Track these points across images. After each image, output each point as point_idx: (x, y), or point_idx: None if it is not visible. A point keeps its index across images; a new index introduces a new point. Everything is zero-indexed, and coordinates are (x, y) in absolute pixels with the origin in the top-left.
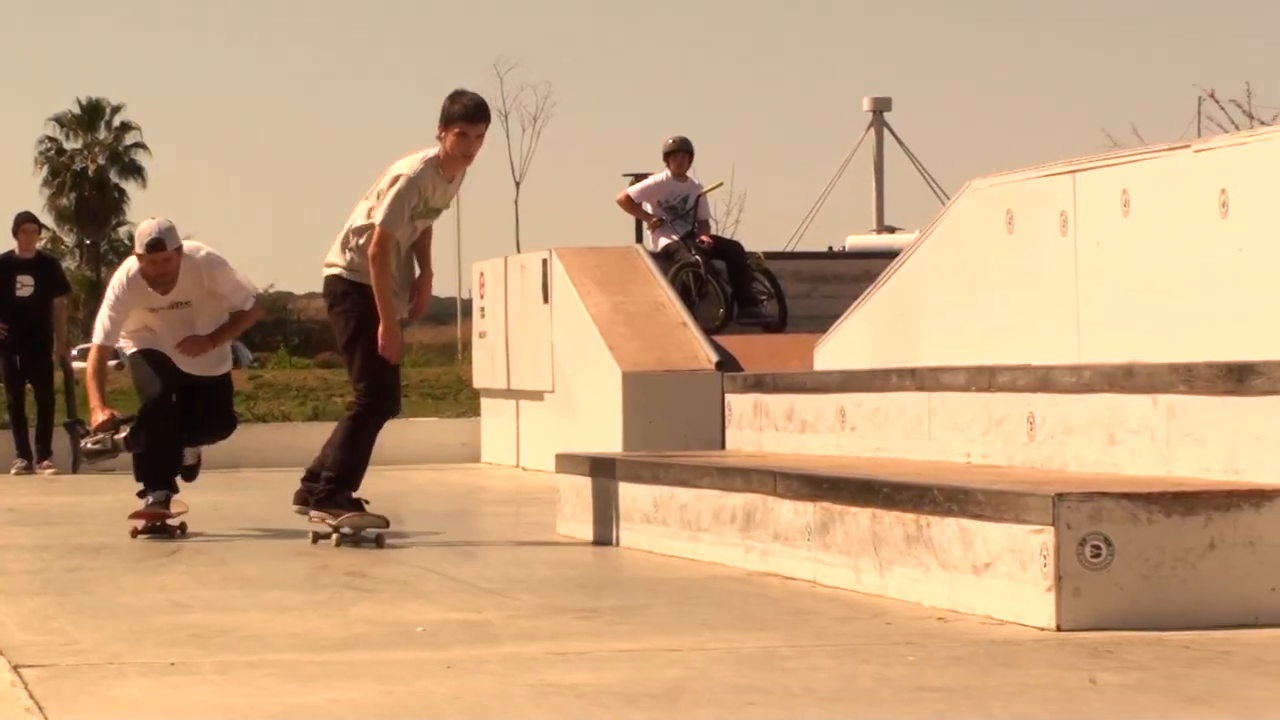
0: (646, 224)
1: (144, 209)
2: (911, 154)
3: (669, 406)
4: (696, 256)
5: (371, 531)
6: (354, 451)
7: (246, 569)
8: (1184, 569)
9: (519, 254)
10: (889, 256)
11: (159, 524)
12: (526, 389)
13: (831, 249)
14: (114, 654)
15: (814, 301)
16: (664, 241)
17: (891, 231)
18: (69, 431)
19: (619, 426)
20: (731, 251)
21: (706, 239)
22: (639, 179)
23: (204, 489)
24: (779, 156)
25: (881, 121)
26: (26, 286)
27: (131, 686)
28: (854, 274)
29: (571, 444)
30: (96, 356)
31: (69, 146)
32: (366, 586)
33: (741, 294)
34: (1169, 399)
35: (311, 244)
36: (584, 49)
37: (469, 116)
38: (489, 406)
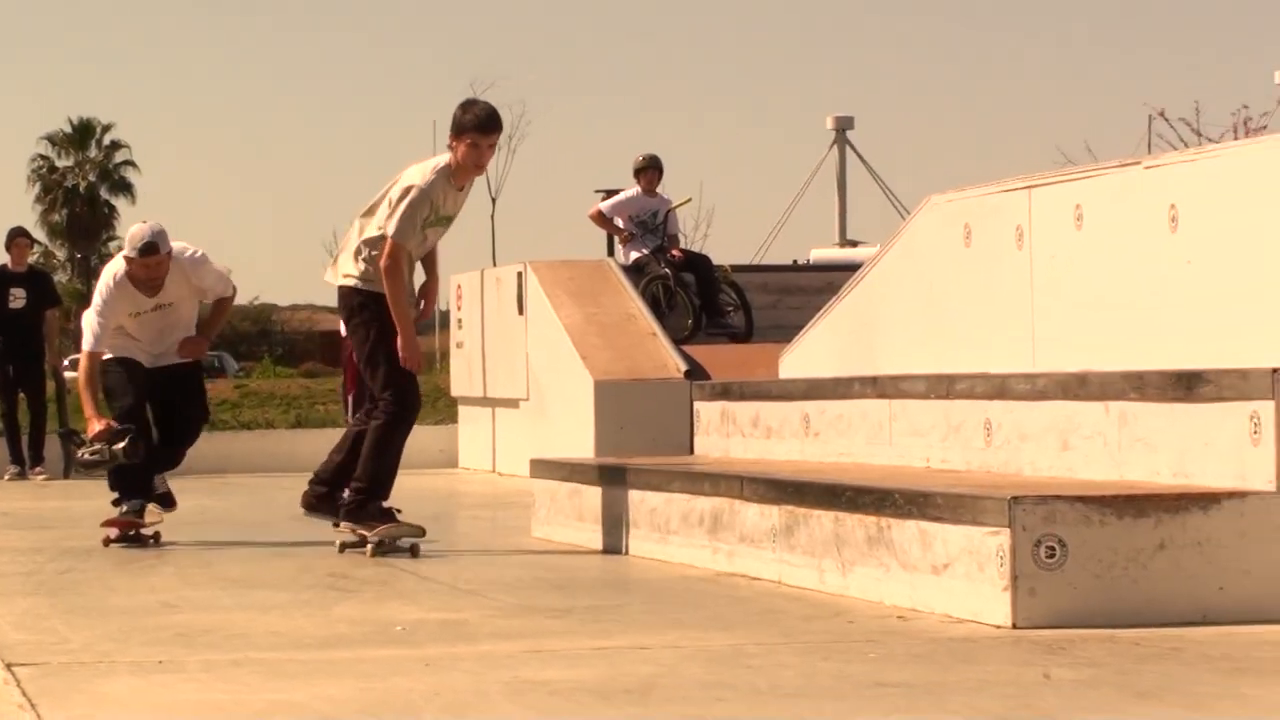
0: (618, 238)
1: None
2: (873, 170)
3: (639, 414)
4: (666, 269)
5: (406, 541)
6: (384, 461)
7: (232, 570)
8: (1135, 569)
9: (495, 267)
10: (851, 269)
11: (133, 533)
12: (502, 397)
13: (796, 262)
14: (104, 653)
15: (779, 312)
16: (634, 255)
17: (854, 245)
18: (64, 440)
19: (591, 433)
20: (700, 264)
21: (676, 252)
22: (610, 195)
23: (191, 493)
24: (745, 173)
25: (844, 139)
26: (19, 299)
27: (120, 684)
28: (817, 286)
29: (545, 450)
30: (89, 364)
31: (61, 164)
32: (348, 587)
33: (709, 305)
34: (1121, 406)
35: (295, 258)
36: (558, 70)
37: (481, 126)
38: (466, 414)
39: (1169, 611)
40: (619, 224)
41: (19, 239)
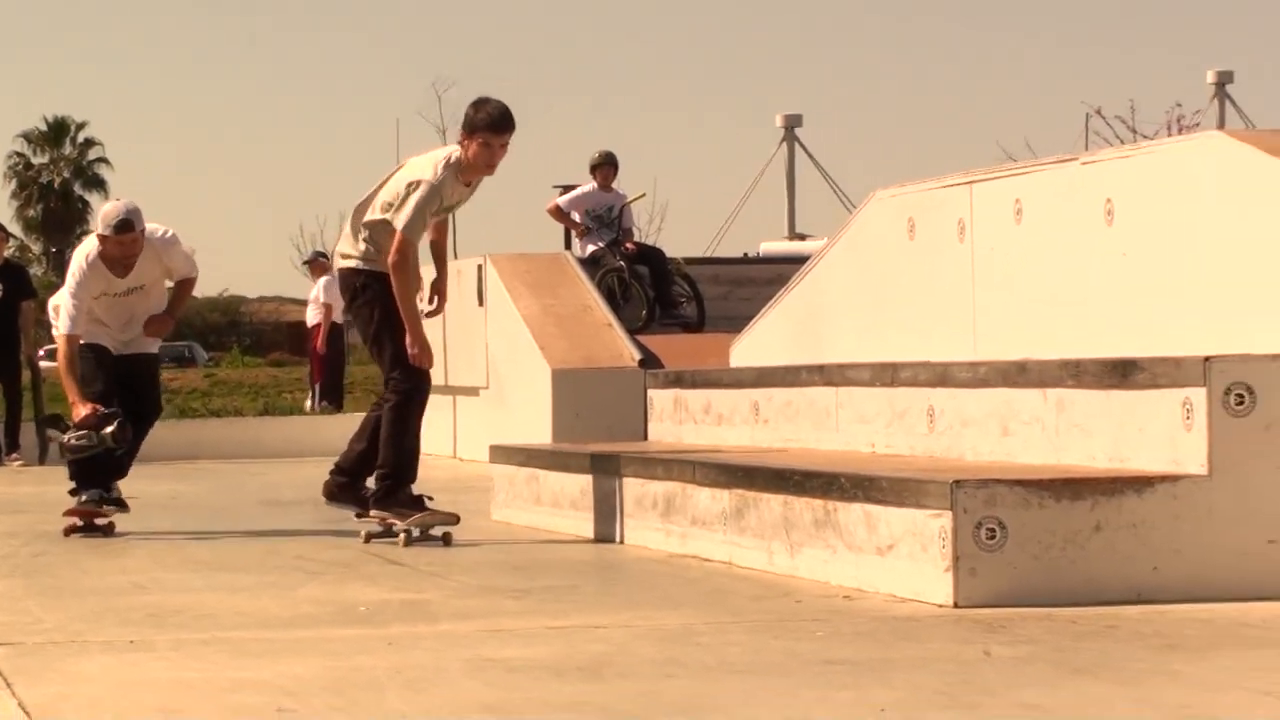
0: (574, 232)
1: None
2: (821, 166)
3: (595, 401)
4: (621, 262)
5: (439, 529)
6: (403, 442)
7: (201, 553)
8: (1072, 550)
9: (456, 260)
10: (800, 261)
11: (91, 522)
12: (463, 385)
13: (747, 255)
14: (76, 632)
15: (730, 303)
16: (591, 248)
17: (802, 238)
18: (44, 427)
19: (549, 420)
20: (653, 257)
21: (630, 246)
22: (567, 190)
23: (163, 479)
24: (698, 169)
25: (793, 136)
26: None
27: (93, 663)
28: (767, 278)
29: (505, 436)
30: (69, 348)
31: (36, 161)
32: (313, 569)
33: (663, 297)
34: (1059, 393)
35: (262, 251)
36: (517, 70)
37: (494, 125)
38: (429, 401)
39: (1105, 591)
40: (576, 218)
41: None
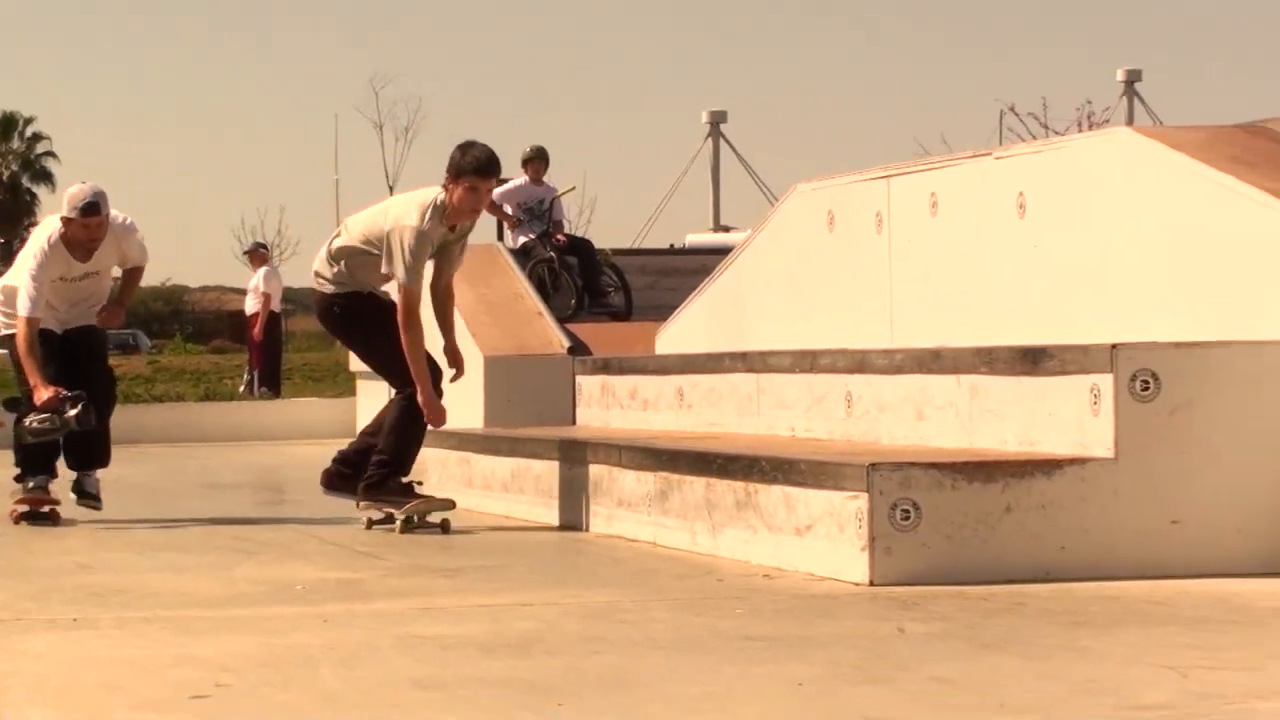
0: (506, 224)
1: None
2: (744, 160)
3: (526, 387)
4: (551, 253)
5: (437, 515)
6: (410, 434)
7: (143, 534)
8: (984, 530)
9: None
10: (724, 253)
11: (39, 510)
12: None
13: (673, 246)
14: (22, 611)
15: (656, 293)
16: (522, 240)
17: (726, 230)
18: (8, 409)
19: (481, 405)
20: (582, 248)
21: (560, 237)
22: (500, 184)
23: None
24: (626, 163)
25: (718, 132)
26: None
27: (38, 640)
28: (692, 268)
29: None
30: (28, 330)
31: None
32: (251, 549)
33: (591, 286)
34: (972, 379)
35: (204, 243)
36: (451, 67)
37: (481, 170)
38: (364, 387)
39: (1014, 569)
40: (508, 210)
41: None
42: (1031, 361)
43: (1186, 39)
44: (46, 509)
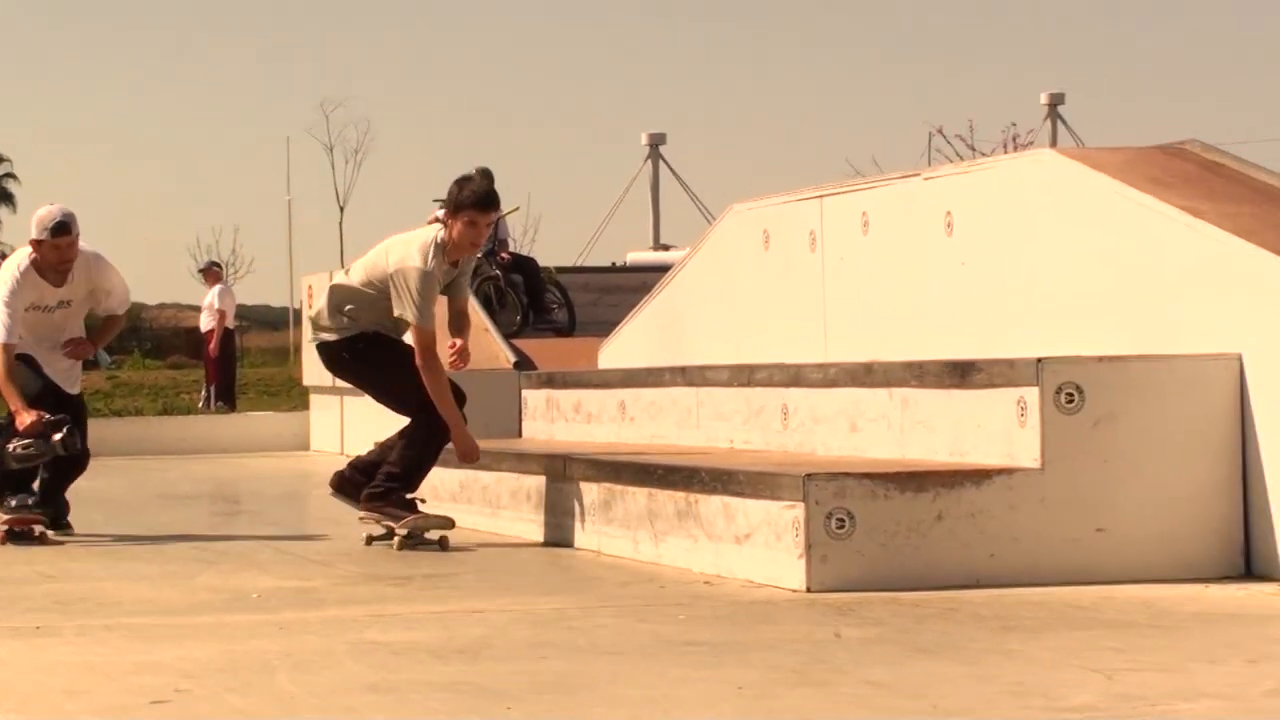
0: None
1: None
2: (683, 181)
3: (473, 400)
4: (497, 271)
5: (435, 533)
6: (425, 452)
7: (104, 544)
8: (916, 538)
9: (343, 269)
10: (663, 270)
11: (28, 529)
12: (350, 386)
13: (614, 264)
14: None
15: (599, 309)
16: None
17: (666, 249)
18: None
19: None
20: (527, 266)
21: (505, 255)
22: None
23: None
24: (569, 184)
25: (657, 153)
26: None
27: (2, 648)
28: (633, 285)
29: (389, 433)
30: (5, 356)
31: None
32: (209, 559)
33: (536, 303)
34: (903, 392)
35: (162, 262)
36: (399, 91)
37: (480, 204)
38: (317, 401)
39: (946, 576)
40: None
41: None
42: (960, 375)
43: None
44: (37, 531)
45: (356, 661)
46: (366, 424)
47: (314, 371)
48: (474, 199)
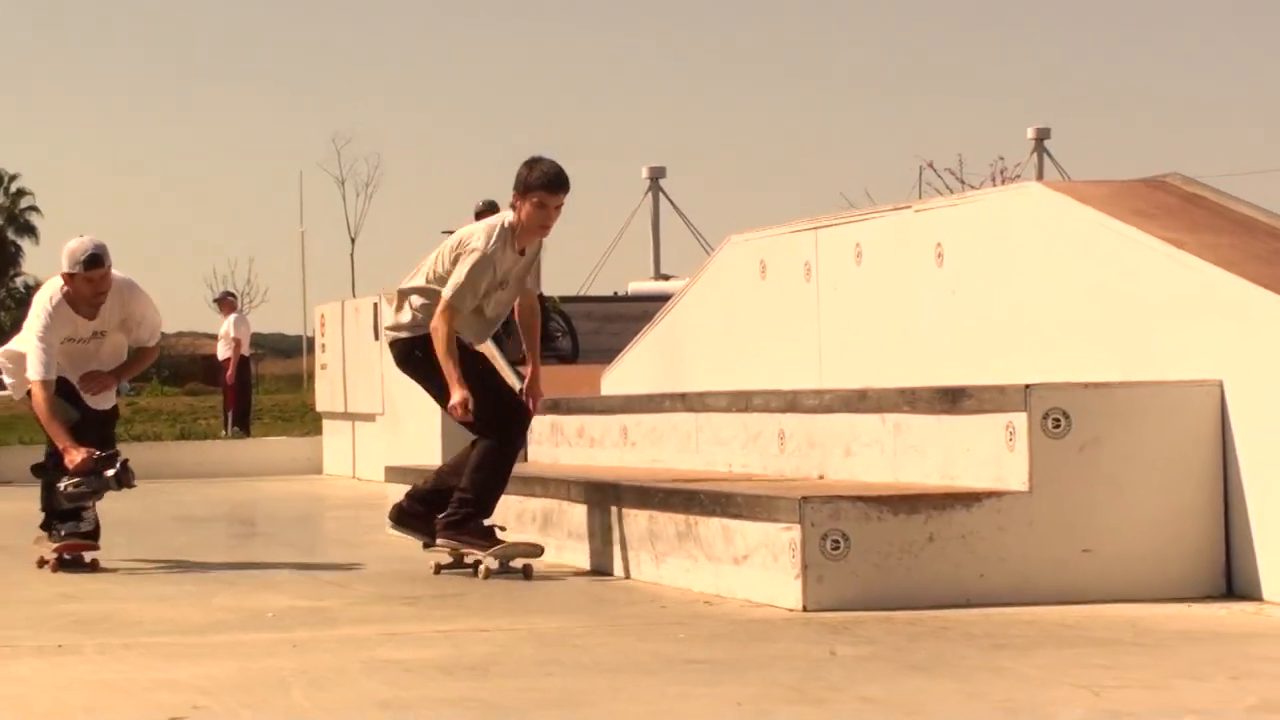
0: None
1: (38, 261)
2: (682, 214)
3: None
4: None
5: (520, 561)
6: (495, 474)
7: (124, 566)
8: (908, 559)
9: (354, 298)
10: (664, 299)
11: (79, 556)
12: (361, 411)
13: (616, 293)
14: (10, 638)
15: (601, 337)
16: None
17: (666, 278)
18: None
19: (439, 443)
20: None
21: None
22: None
23: None
24: (572, 215)
25: (658, 187)
26: None
27: (24, 665)
28: (635, 314)
29: (399, 458)
30: (46, 395)
31: None
32: (226, 579)
33: (541, 332)
34: (896, 417)
35: (179, 291)
36: (408, 126)
37: (549, 186)
38: (330, 426)
39: (938, 596)
40: None
41: None
42: (951, 401)
43: (1092, 100)
44: (89, 558)
45: (369, 678)
46: (377, 448)
47: (326, 397)
48: (543, 180)
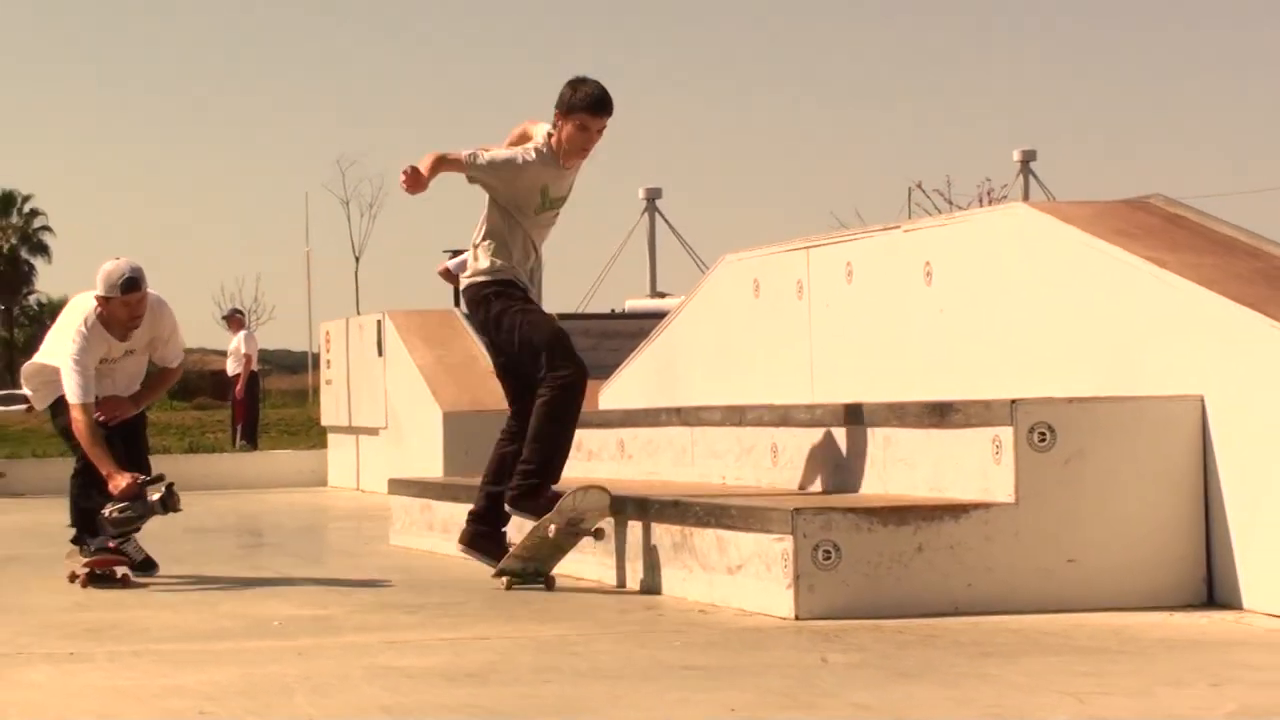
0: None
1: (50, 279)
2: (678, 233)
3: (481, 439)
4: None
5: (592, 524)
6: (557, 441)
7: (133, 575)
8: (898, 569)
9: (358, 316)
10: (660, 317)
11: (110, 571)
12: (365, 426)
13: (613, 310)
14: (22, 645)
15: (599, 354)
16: None
17: (662, 296)
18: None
19: (440, 456)
20: None
21: None
22: (456, 254)
23: None
24: (570, 234)
25: (654, 207)
26: None
27: (37, 672)
28: (631, 331)
29: (402, 470)
30: (86, 417)
31: None
32: (232, 588)
33: None
34: (885, 431)
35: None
36: (410, 148)
37: (592, 108)
38: (334, 440)
39: (926, 604)
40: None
41: None
42: (939, 415)
43: (1077, 123)
44: (119, 573)
45: (371, 685)
46: (380, 461)
47: (331, 411)
48: (587, 101)
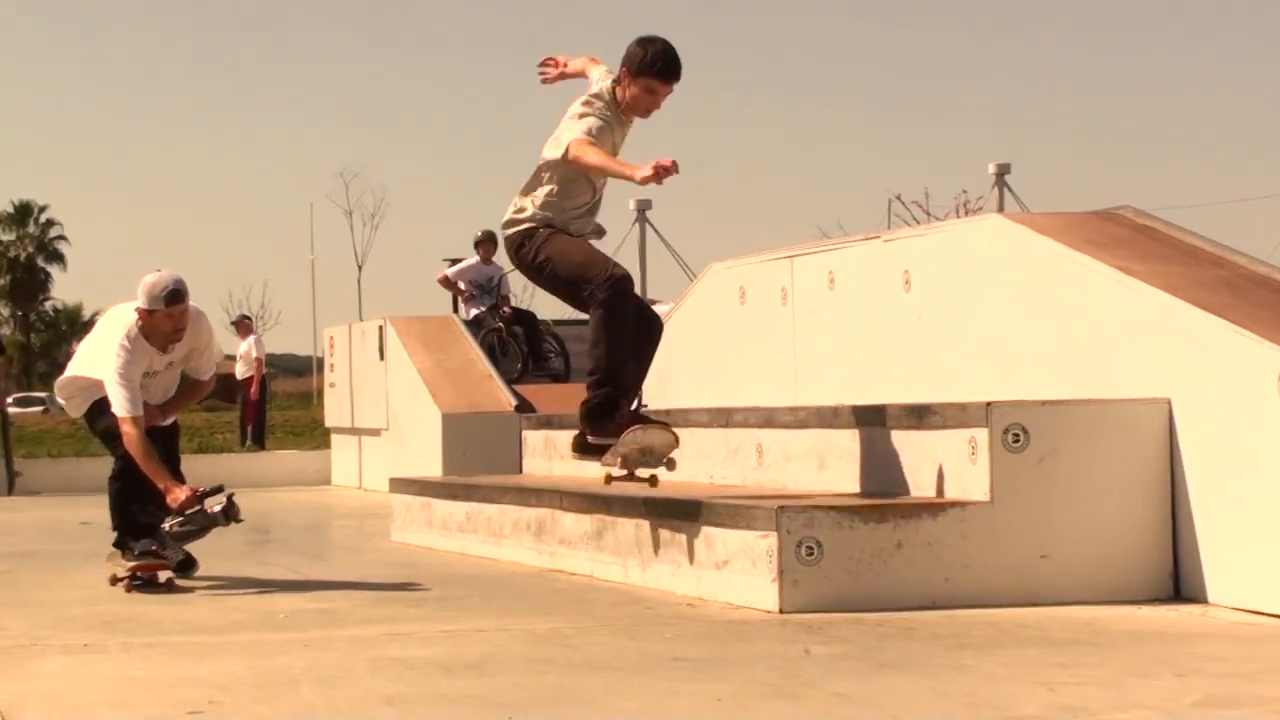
0: (460, 298)
1: (65, 287)
2: (667, 243)
3: (478, 440)
4: (499, 324)
5: (647, 472)
6: (610, 343)
7: (177, 577)
8: (878, 564)
9: (361, 322)
10: None
11: (154, 576)
12: (367, 427)
13: None
14: (38, 638)
15: None
16: (474, 312)
17: (653, 303)
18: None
19: (439, 456)
20: (527, 319)
21: (507, 310)
22: (455, 263)
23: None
24: None
25: (644, 217)
26: None
27: (53, 663)
28: None
29: (402, 470)
30: (138, 431)
31: (4, 238)
32: (241, 582)
33: (535, 352)
34: (866, 432)
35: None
36: (412, 160)
37: (663, 74)
38: (337, 441)
39: (905, 598)
40: (461, 287)
41: None
42: (917, 417)
43: (1050, 137)
44: (163, 578)
45: (374, 676)
46: (382, 461)
47: (334, 413)
48: (660, 65)
